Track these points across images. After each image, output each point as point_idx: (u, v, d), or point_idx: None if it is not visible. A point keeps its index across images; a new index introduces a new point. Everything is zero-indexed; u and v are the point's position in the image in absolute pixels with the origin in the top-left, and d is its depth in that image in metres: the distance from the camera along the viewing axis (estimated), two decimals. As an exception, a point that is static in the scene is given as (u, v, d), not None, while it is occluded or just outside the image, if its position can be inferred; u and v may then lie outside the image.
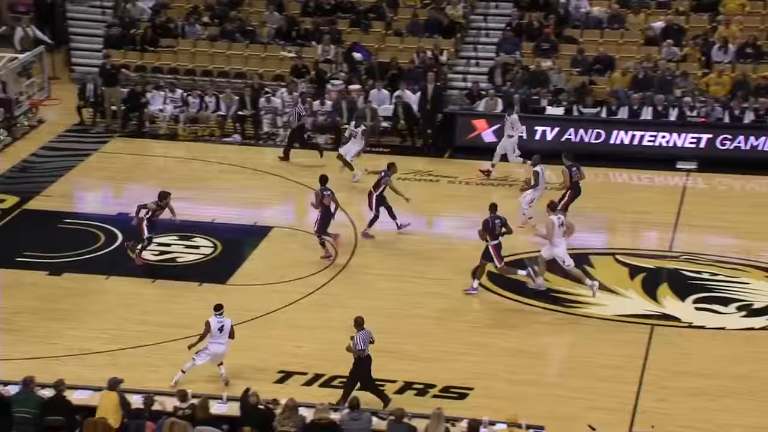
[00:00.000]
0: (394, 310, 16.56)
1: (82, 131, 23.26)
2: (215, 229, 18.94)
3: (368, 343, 14.00)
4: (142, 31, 25.65)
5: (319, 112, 23.20)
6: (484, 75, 24.48)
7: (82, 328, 15.79)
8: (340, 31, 25.51)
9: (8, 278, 17.08)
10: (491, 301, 16.95)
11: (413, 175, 21.53)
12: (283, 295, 16.79)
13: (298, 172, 21.55)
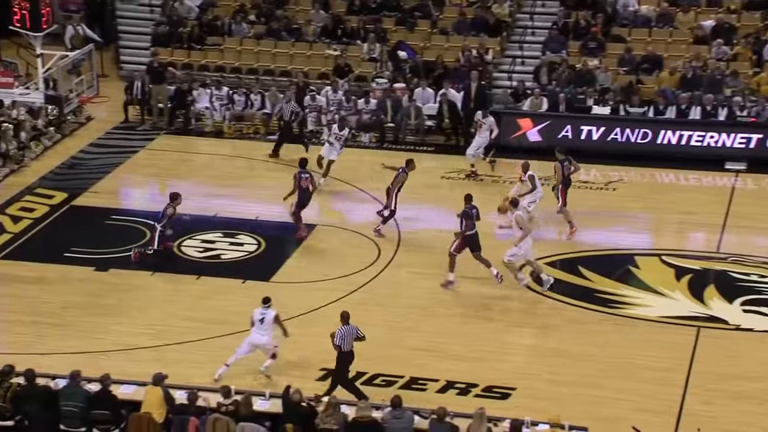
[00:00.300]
0: (437, 310, 16.53)
1: (129, 128, 23.50)
2: (259, 226, 19.04)
3: (352, 340, 13.96)
4: (190, 30, 25.87)
5: (363, 111, 23.23)
6: (529, 74, 24.34)
7: (128, 323, 15.96)
8: (386, 29, 25.52)
9: (56, 273, 17.32)
10: (534, 301, 16.85)
11: (457, 174, 21.47)
12: (326, 293, 16.83)
13: (343, 171, 21.58)
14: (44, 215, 19.37)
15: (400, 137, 23.05)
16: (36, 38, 18.24)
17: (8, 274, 17.28)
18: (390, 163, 19.46)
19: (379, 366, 14.88)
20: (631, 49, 24.16)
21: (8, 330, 15.66)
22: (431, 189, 20.73)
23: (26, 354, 14.77)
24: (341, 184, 20.97)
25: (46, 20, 18.25)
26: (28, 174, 21.14)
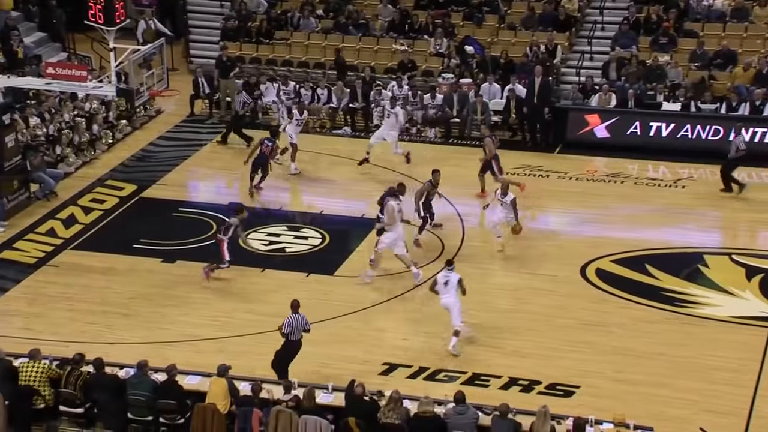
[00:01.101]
0: (501, 306, 16.44)
1: (197, 122, 23.78)
2: (324, 220, 19.11)
3: (300, 330, 13.93)
4: (258, 24, 26.08)
5: (429, 106, 23.16)
6: (598, 69, 24.04)
7: (193, 314, 16.16)
8: (453, 24, 25.42)
9: (125, 264, 17.60)
10: (599, 298, 16.65)
11: (522, 170, 21.32)
12: (390, 288, 16.83)
13: (407, 165, 21.56)
14: (114, 207, 19.71)
15: (466, 133, 22.96)
16: (109, 33, 18.50)
17: (80, 264, 17.62)
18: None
19: (442, 361, 14.84)
20: (703, 44, 23.70)
21: (79, 319, 15.97)
22: (496, 185, 20.54)
23: (96, 343, 15.07)
24: (406, 179, 20.89)
25: (119, 15, 18.52)
26: (100, 166, 21.53)
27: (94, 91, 19.73)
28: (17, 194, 19.34)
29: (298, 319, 14.05)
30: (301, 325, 14.08)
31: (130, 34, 24.79)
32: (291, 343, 14.02)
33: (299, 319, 14.05)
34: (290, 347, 14.03)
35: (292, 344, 14.03)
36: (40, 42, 25.58)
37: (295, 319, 14.04)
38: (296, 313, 14.10)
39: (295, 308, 14.13)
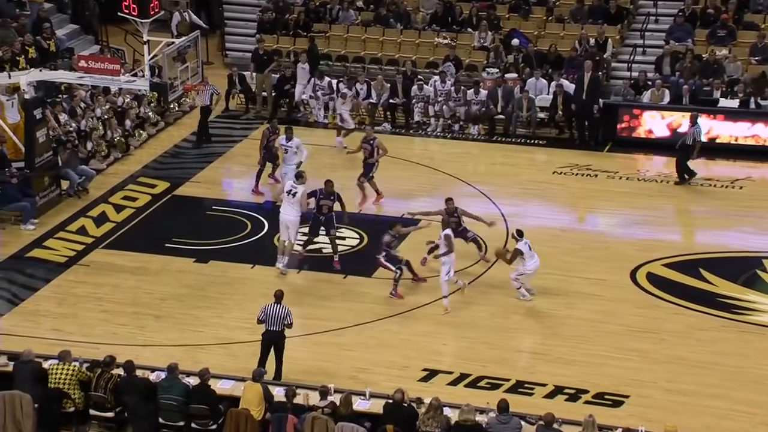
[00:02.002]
0: (547, 310, 16.33)
1: (232, 117, 23.89)
2: (362, 220, 19.11)
3: (278, 321, 14.00)
4: (296, 16, 26.14)
5: (472, 102, 23.08)
6: (651, 64, 23.81)
7: (227, 316, 16.21)
8: (499, 17, 25.32)
9: (157, 264, 17.71)
10: (650, 304, 16.48)
11: (570, 168, 21.17)
12: (430, 291, 16.78)
13: (448, 163, 21.52)
14: (146, 204, 19.84)
15: (511, 130, 22.85)
16: (143, 25, 18.64)
17: (111, 263, 17.76)
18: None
19: (485, 368, 14.77)
20: (764, 36, 23.37)
21: (110, 320, 16.09)
22: (542, 184, 20.49)
23: (127, 345, 15.17)
24: (447, 178, 20.88)
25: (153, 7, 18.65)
26: (132, 162, 21.68)
27: (127, 85, 19.91)
28: (48, 191, 19.54)
29: (277, 309, 14.13)
30: (280, 317, 14.12)
31: (165, 27, 24.98)
32: (266, 332, 14.15)
33: (277, 310, 14.14)
34: (264, 336, 14.15)
35: (267, 334, 14.15)
36: (73, 34, 25.83)
37: (272, 308, 14.13)
38: (278, 303, 14.19)
39: (278, 298, 14.26)
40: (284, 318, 14.18)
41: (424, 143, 22.49)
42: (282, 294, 14.36)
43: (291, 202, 17.18)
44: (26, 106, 19.11)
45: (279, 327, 14.16)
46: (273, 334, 14.18)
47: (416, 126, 23.24)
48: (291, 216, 17.19)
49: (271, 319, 14.16)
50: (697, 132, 20.21)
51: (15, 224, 18.82)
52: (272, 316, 14.17)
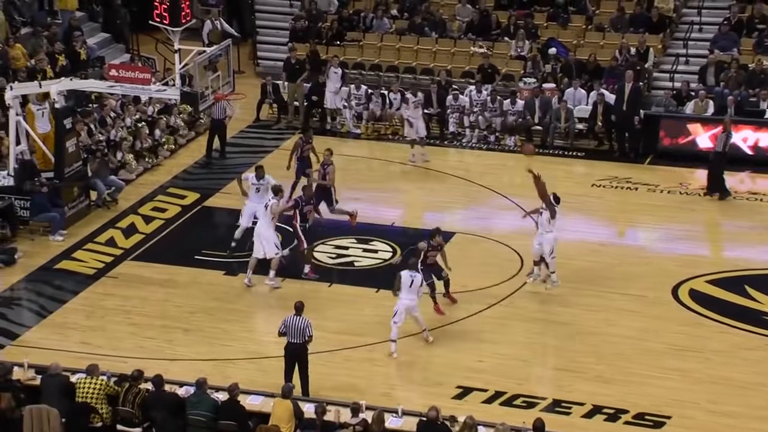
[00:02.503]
0: (586, 327, 16.21)
1: (263, 127, 23.99)
2: (395, 232, 19.10)
3: (300, 334, 14.02)
4: (329, 24, 26.22)
5: (509, 112, 23.02)
6: (694, 74, 23.66)
7: (257, 331, 16.25)
8: (537, 25, 25.26)
9: (186, 277, 17.79)
10: (693, 322, 16.31)
11: (609, 181, 21.05)
12: (464, 306, 16.72)
13: (484, 175, 21.46)
14: (176, 216, 19.94)
15: (548, 141, 22.76)
16: (174, 33, 18.81)
17: (139, 275, 17.85)
18: None
19: (521, 386, 14.68)
20: (813, 45, 23.18)
21: (138, 333, 16.16)
22: (580, 197, 20.37)
23: (155, 359, 15.23)
24: (482, 190, 20.83)
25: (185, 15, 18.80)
26: (162, 172, 21.82)
27: (157, 94, 20.06)
28: (77, 202, 19.69)
29: (298, 321, 14.13)
30: (301, 329, 14.13)
31: (196, 35, 25.17)
32: (288, 345, 14.19)
33: (297, 322, 14.15)
34: (286, 349, 14.19)
35: (289, 346, 14.19)
36: (104, 43, 26.08)
37: (293, 320, 14.15)
38: (298, 315, 14.20)
39: (298, 310, 14.26)
40: (304, 330, 14.20)
41: (459, 154, 22.44)
42: (302, 305, 14.36)
43: (264, 214, 17.24)
44: (56, 116, 19.29)
45: (300, 339, 14.19)
46: (295, 347, 14.20)
47: (451, 137, 23.21)
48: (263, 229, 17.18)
49: (292, 331, 14.19)
50: (725, 139, 19.99)
51: (44, 235, 18.99)
52: (293, 329, 14.19)
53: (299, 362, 14.21)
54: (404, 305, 15.21)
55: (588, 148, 22.65)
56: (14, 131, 19.37)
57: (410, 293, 15.18)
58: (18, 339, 15.95)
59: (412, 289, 15.17)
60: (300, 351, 14.19)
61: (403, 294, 15.20)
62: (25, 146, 19.64)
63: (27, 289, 17.57)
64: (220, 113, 22.01)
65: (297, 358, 14.20)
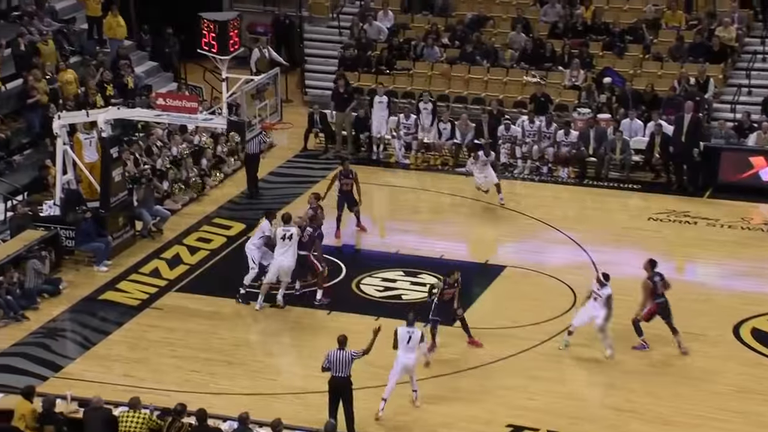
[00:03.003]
0: (642, 367, 16.04)
1: (310, 157, 24.13)
2: (444, 265, 19.04)
3: (344, 367, 14.05)
4: (378, 53, 26.39)
5: (562, 143, 22.94)
6: (757, 105, 23.43)
7: (302, 365, 16.26)
8: (592, 54, 25.22)
9: (230, 309, 17.89)
10: (756, 362, 16.06)
11: (666, 215, 20.87)
12: (515, 342, 16.62)
13: (536, 207, 21.38)
14: (221, 246, 20.07)
15: (603, 173, 22.63)
16: (222, 61, 19.02)
17: (184, 307, 17.99)
18: None
19: (574, 425, 14.53)
20: None
21: (182, 366, 16.26)
22: (636, 231, 20.23)
23: (199, 392, 15.30)
24: (535, 223, 20.75)
25: (233, 43, 19.03)
26: (207, 202, 22.02)
27: (204, 123, 20.28)
28: (122, 232, 19.93)
29: (342, 354, 14.13)
30: (345, 362, 14.13)
31: (244, 64, 25.44)
32: (332, 379, 14.15)
33: (343, 355, 14.13)
34: (330, 384, 14.16)
35: (332, 380, 14.15)
36: (151, 71, 26.49)
37: (336, 354, 14.14)
38: (341, 349, 14.19)
39: (341, 344, 14.26)
40: (350, 362, 14.19)
41: (510, 186, 22.38)
42: (345, 339, 14.36)
43: (288, 245, 17.39)
44: (103, 145, 19.57)
45: (345, 373, 14.18)
46: (339, 381, 14.19)
47: (502, 168, 23.17)
48: (289, 261, 17.40)
49: (336, 365, 14.19)
50: None
51: (88, 265, 19.23)
52: (337, 363, 14.20)
53: (343, 397, 14.20)
54: (402, 364, 14.79)
55: (644, 181, 22.49)
56: (61, 160, 19.69)
57: (408, 351, 14.76)
58: (61, 371, 16.13)
59: (410, 347, 14.76)
60: (345, 385, 14.18)
61: (401, 352, 14.81)
62: (72, 176, 19.95)
63: (71, 320, 17.78)
64: (254, 147, 22.13)
65: (341, 393, 14.18)
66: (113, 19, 25.21)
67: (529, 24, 26.31)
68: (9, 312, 17.43)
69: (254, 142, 21.94)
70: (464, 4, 27.38)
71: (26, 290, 17.88)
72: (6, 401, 14.61)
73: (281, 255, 17.58)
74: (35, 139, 22.12)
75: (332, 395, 14.25)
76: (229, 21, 19.18)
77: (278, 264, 17.61)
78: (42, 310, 17.82)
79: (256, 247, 17.96)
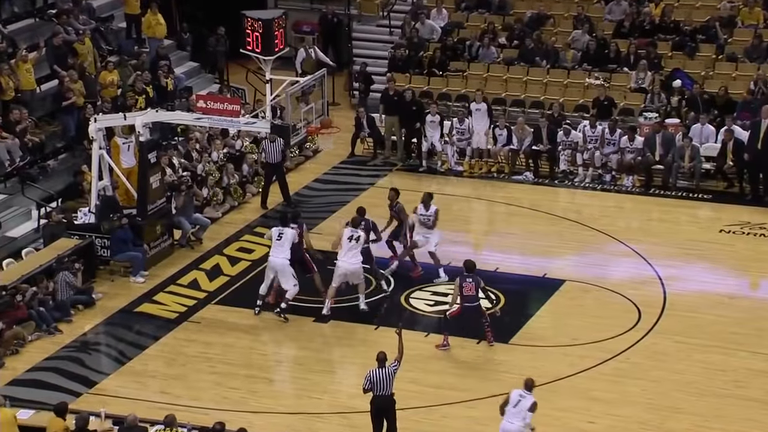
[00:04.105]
0: (710, 388, 15.94)
1: (358, 163, 24.24)
2: (498, 279, 19.07)
3: (386, 385, 14.04)
4: (431, 53, 26.46)
5: (627, 149, 22.85)
6: None
7: (347, 383, 16.35)
8: (660, 55, 25.10)
9: (273, 323, 18.02)
10: (834, 385, 15.89)
11: (740, 227, 20.70)
12: (574, 360, 16.60)
13: (598, 218, 21.32)
14: (263, 257, 20.16)
15: (671, 182, 22.50)
16: (266, 62, 19.21)
17: (224, 321, 18.16)
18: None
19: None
20: None
21: (222, 383, 16.41)
22: (706, 244, 20.10)
23: (238, 411, 15.46)
24: (596, 234, 20.68)
25: (278, 43, 19.21)
26: (249, 211, 22.18)
27: (246, 127, 20.47)
28: (160, 241, 20.17)
29: (382, 373, 14.16)
30: (387, 381, 14.15)
31: (289, 64, 25.62)
32: (374, 399, 14.18)
33: (384, 374, 14.16)
34: (372, 404, 14.18)
35: (375, 400, 14.18)
36: (192, 72, 26.74)
37: (377, 373, 14.18)
38: (382, 367, 14.23)
39: (381, 362, 14.30)
40: (391, 379, 14.21)
41: (570, 195, 22.34)
42: (385, 356, 14.39)
43: (354, 247, 17.79)
44: (140, 149, 19.81)
45: (388, 391, 14.23)
46: (382, 400, 14.25)
47: (562, 175, 23.13)
48: (353, 265, 17.72)
49: (377, 384, 14.25)
50: None
51: (124, 276, 19.48)
52: (378, 382, 14.25)
53: (387, 417, 14.26)
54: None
55: (716, 190, 22.32)
56: (97, 165, 19.98)
57: (513, 416, 13.80)
58: (95, 387, 16.36)
59: (517, 411, 13.84)
60: (388, 404, 14.23)
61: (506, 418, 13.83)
62: (108, 181, 20.23)
63: (106, 333, 18.03)
64: (275, 156, 22.12)
65: (384, 413, 14.24)
66: (153, 17, 25.50)
67: (593, 22, 26.24)
68: (41, 324, 17.72)
69: (275, 151, 21.94)
70: (523, 2, 27.38)
71: (59, 302, 18.15)
72: (38, 418, 14.86)
73: (344, 258, 17.82)
74: (70, 143, 22.47)
75: (375, 416, 14.32)
76: (273, 19, 19.38)
77: (343, 268, 17.80)
78: (75, 322, 18.10)
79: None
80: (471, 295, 16.79)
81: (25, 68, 22.04)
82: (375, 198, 22.49)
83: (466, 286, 16.80)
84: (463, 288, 16.82)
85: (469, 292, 16.80)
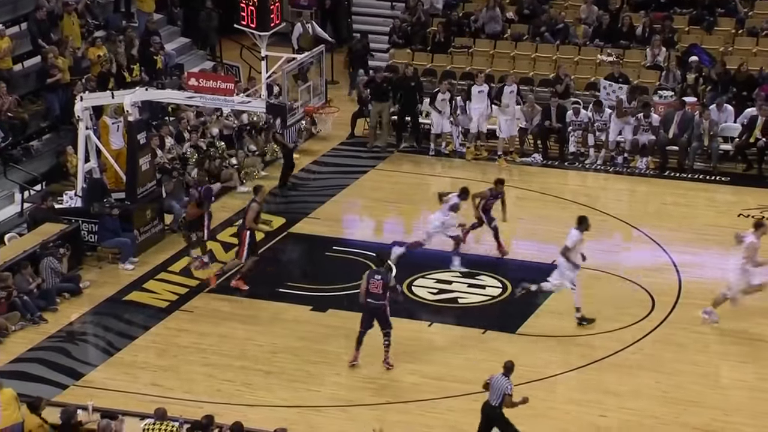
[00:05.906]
0: (731, 381, 16.03)
1: (359, 144, 24.21)
2: (506, 266, 19.10)
3: (498, 394, 13.84)
4: (435, 29, 26.41)
5: (642, 129, 22.82)
6: None
7: (347, 374, 16.39)
8: (676, 29, 25.07)
9: (268, 312, 18.07)
10: None
11: (760, 211, 20.70)
12: (585, 351, 16.63)
13: (610, 202, 21.32)
14: (259, 243, 20.21)
15: (687, 163, 22.49)
16: (262, 38, 19.18)
17: (218, 310, 18.18)
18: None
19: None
20: None
21: (215, 375, 16.43)
22: (724, 229, 20.04)
23: (232, 404, 15.50)
24: (608, 219, 20.68)
25: (274, 18, 19.16)
26: (243, 196, 22.09)
27: (241, 106, 20.45)
28: (150, 226, 20.16)
29: (501, 380, 14.01)
30: (501, 390, 13.99)
31: (285, 40, 25.59)
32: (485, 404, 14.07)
33: (502, 381, 14.00)
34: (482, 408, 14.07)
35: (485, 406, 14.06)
36: (183, 49, 26.73)
37: (497, 379, 14.02)
38: (505, 376, 14.07)
39: (507, 370, 14.10)
40: (505, 390, 13.98)
41: (581, 177, 22.35)
42: (512, 366, 14.14)
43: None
44: (129, 130, 19.79)
45: (497, 401, 14.05)
46: (489, 408, 14.11)
47: (572, 157, 23.12)
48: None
49: (493, 390, 14.08)
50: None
51: (113, 263, 19.50)
52: (495, 389, 14.05)
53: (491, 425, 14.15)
54: None
55: (734, 173, 22.32)
56: (83, 147, 19.96)
57: None
58: (82, 379, 16.39)
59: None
60: (492, 414, 14.06)
61: None
62: (95, 163, 20.22)
63: (93, 323, 18.06)
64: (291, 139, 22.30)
65: (490, 421, 14.12)
66: (142, -10, 25.48)
67: (605, -5, 26.25)
68: (26, 313, 17.74)
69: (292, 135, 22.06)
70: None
71: (44, 290, 18.17)
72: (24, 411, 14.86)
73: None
74: (55, 123, 22.43)
75: (482, 420, 14.17)
76: (269, -8, 19.34)
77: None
78: (61, 311, 18.13)
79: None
80: (376, 293, 16.13)
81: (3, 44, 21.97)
82: (377, 182, 22.53)
83: (373, 283, 16.12)
84: (369, 284, 16.13)
85: (375, 290, 16.12)
